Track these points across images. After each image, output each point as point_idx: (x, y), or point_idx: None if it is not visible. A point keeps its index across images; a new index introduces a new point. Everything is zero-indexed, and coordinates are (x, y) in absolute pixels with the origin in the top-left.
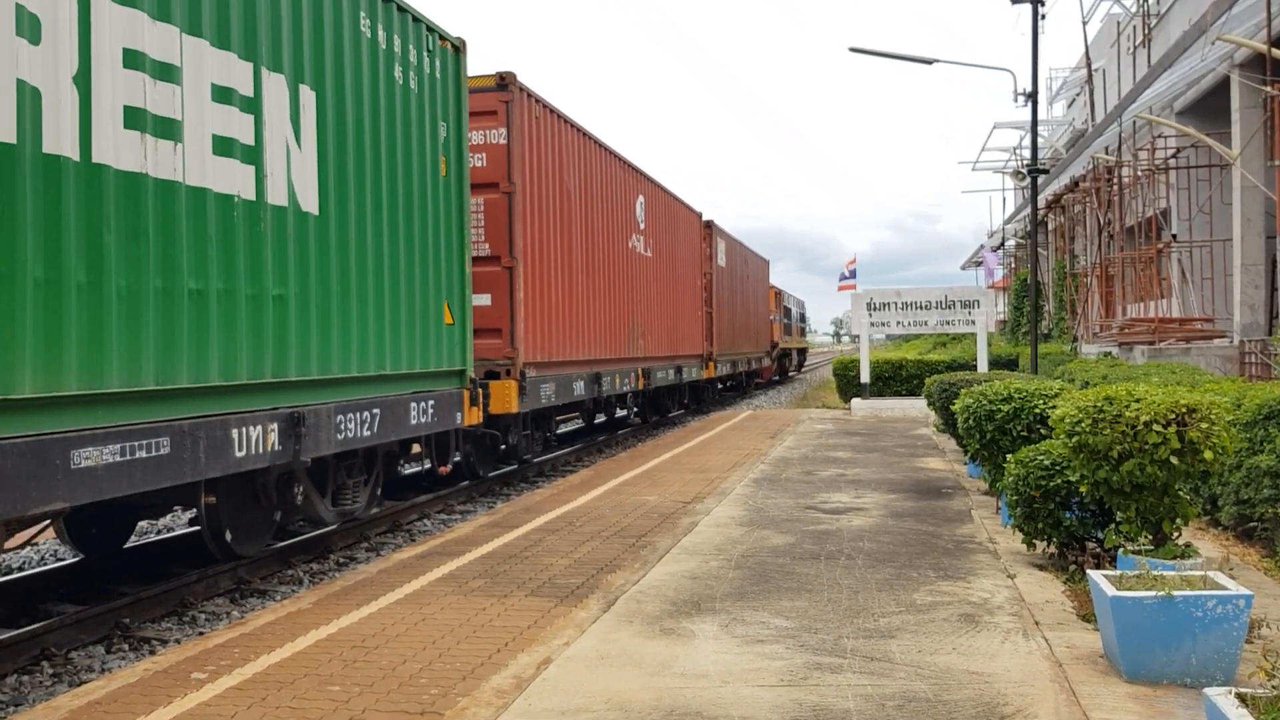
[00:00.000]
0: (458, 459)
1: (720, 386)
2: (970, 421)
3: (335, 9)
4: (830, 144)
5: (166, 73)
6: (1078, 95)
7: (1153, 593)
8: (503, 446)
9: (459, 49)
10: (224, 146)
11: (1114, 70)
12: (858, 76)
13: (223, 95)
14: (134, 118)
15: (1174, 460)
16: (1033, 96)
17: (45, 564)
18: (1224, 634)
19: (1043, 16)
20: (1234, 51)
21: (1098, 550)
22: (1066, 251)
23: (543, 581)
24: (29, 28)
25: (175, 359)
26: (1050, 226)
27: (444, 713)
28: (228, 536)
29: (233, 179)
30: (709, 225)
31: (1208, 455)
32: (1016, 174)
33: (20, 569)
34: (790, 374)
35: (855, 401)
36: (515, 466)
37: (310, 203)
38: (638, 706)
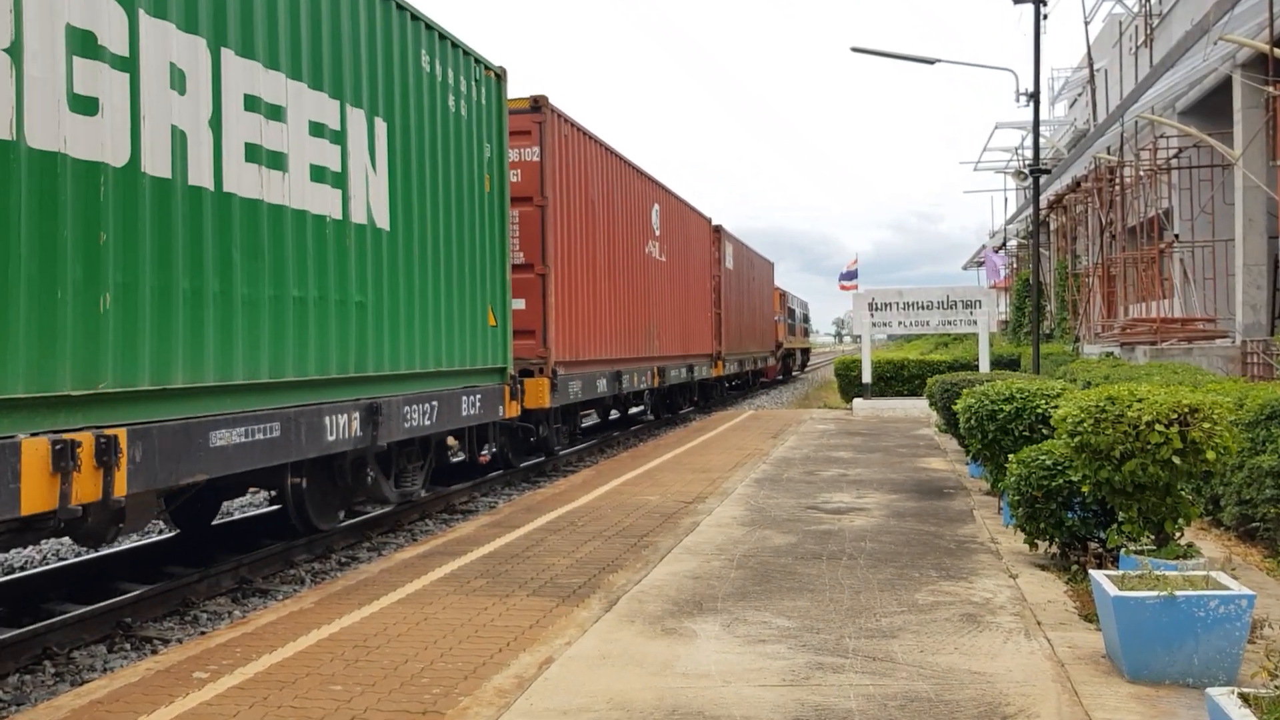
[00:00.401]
0: (493, 450)
1: (728, 385)
2: (972, 421)
3: (403, 49)
4: (832, 144)
5: (276, 113)
6: (1079, 95)
7: (1155, 593)
8: (532, 439)
9: (500, 77)
10: (318, 174)
11: (1116, 70)
12: (860, 76)
13: (317, 130)
14: (252, 153)
15: (1176, 460)
16: (1035, 96)
17: (47, 563)
18: (1226, 634)
19: (1045, 16)
20: (1236, 51)
21: (1100, 550)
22: (1068, 251)
23: (544, 581)
24: (179, 81)
25: (282, 356)
26: (1052, 226)
27: (446, 712)
28: (309, 512)
29: (325, 202)
30: (718, 230)
31: (1210, 455)
32: (1018, 174)
33: (22, 568)
34: (794, 374)
35: (857, 402)
36: (543, 458)
37: (383, 220)
38: (639, 706)
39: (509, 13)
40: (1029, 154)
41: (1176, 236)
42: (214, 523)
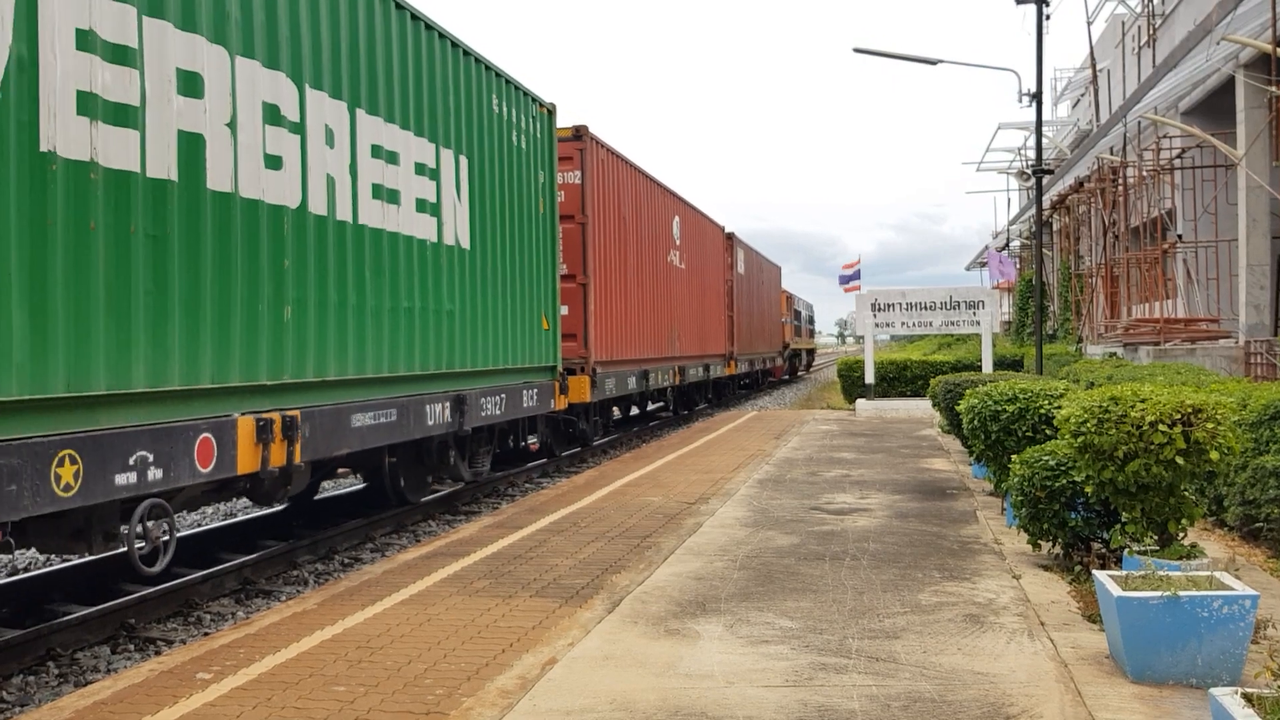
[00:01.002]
0: (542, 440)
1: (739, 384)
2: (975, 422)
3: (479, 95)
4: (835, 144)
5: (393, 158)
6: (1082, 95)
7: (1158, 593)
8: (570, 430)
9: (551, 112)
10: (421, 205)
11: (1119, 70)
12: (863, 77)
13: (420, 169)
14: (377, 191)
15: (1179, 460)
16: (1038, 97)
17: (51, 564)
18: (1230, 634)
19: (1048, 17)
20: (1239, 51)
21: (1103, 551)
22: (1071, 252)
23: (548, 582)
24: (329, 138)
25: (396, 355)
26: (1055, 227)
27: (449, 713)
28: (403, 488)
29: (425, 228)
30: (730, 237)
31: (1213, 455)
32: (1021, 174)
33: (26, 569)
34: (800, 373)
35: (860, 402)
36: (579, 448)
37: (465, 241)
38: (643, 707)
39: (509, 11)
40: (1032, 154)
41: (1180, 237)
42: (315, 498)
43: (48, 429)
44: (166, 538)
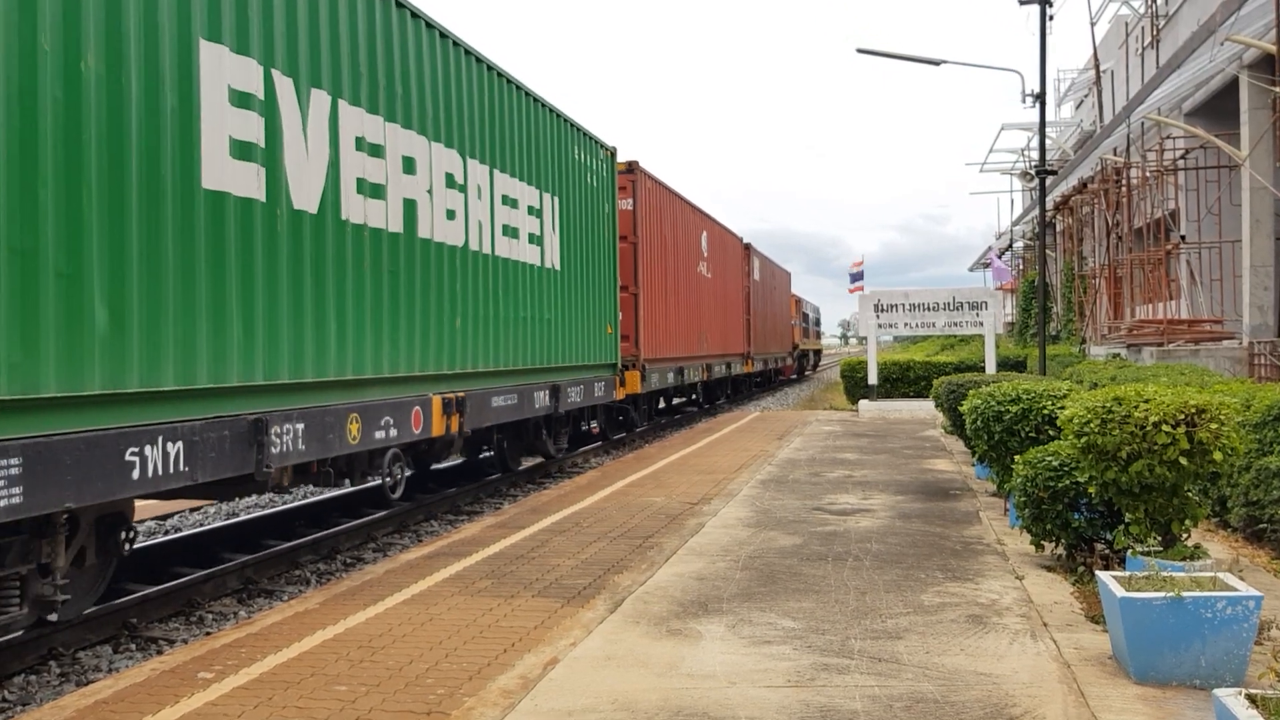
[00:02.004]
0: (595, 424)
1: (754, 381)
2: (978, 422)
3: (566, 146)
4: (838, 145)
5: (514, 204)
6: (1086, 96)
7: (1162, 594)
8: (620, 418)
9: (612, 154)
10: (531, 238)
11: (1122, 71)
12: (865, 77)
13: (531, 211)
14: (506, 230)
15: (1183, 461)
16: (1041, 98)
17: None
18: (1234, 635)
19: (1051, 18)
20: (1243, 52)
21: (1106, 551)
22: (1075, 253)
23: (549, 582)
24: (480, 194)
25: (518, 353)
26: (1058, 228)
27: (450, 713)
28: (508, 459)
29: (533, 255)
30: (748, 247)
31: (1217, 456)
32: (1024, 175)
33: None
34: (807, 372)
35: (863, 403)
36: (624, 434)
37: (557, 264)
38: (644, 707)
39: (509, 7)
40: (1035, 155)
41: (1183, 237)
42: (434, 467)
43: (343, 399)
44: (403, 475)
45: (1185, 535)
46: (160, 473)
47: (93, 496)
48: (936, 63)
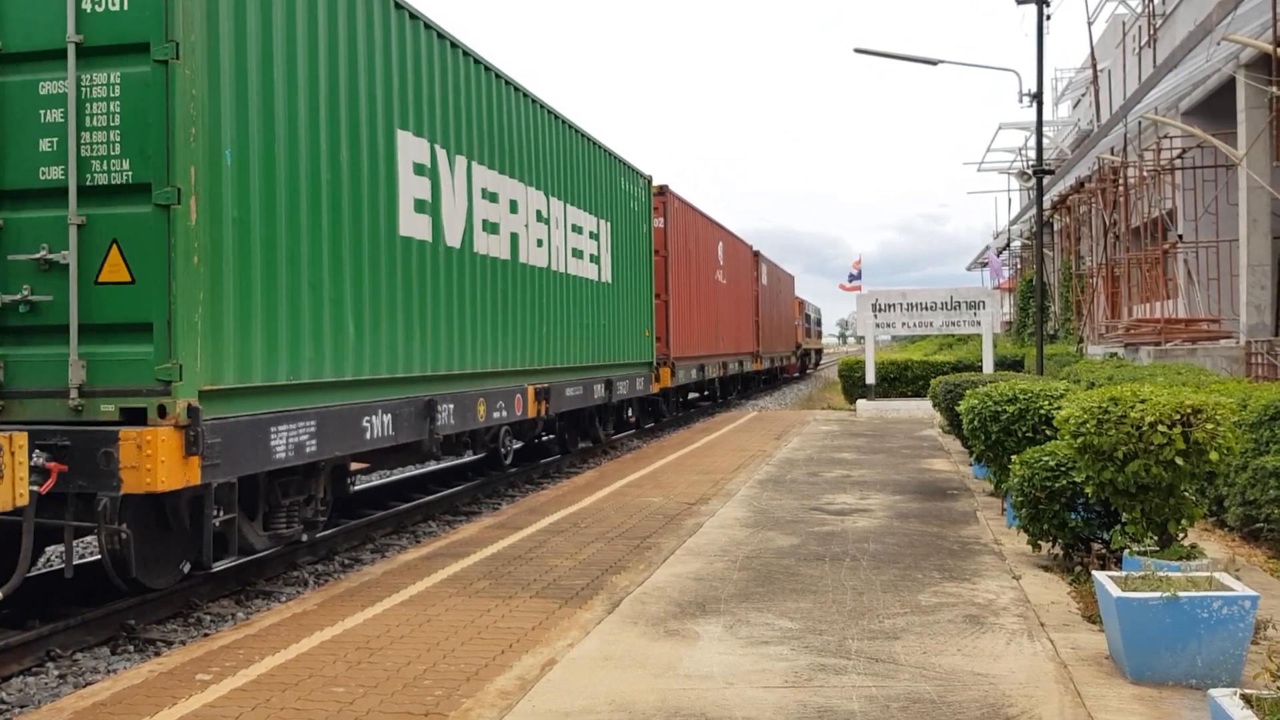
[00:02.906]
0: (631, 414)
1: (762, 378)
2: (975, 422)
3: (616, 179)
4: (837, 145)
5: (580, 230)
6: (1083, 96)
7: (1158, 594)
8: (650, 409)
9: (650, 181)
10: (591, 258)
11: (1119, 70)
12: (864, 77)
13: (592, 235)
14: (574, 252)
15: (1179, 461)
16: (1038, 97)
17: (51, 565)
18: (1229, 635)
19: (1048, 17)
20: (1239, 52)
21: (1103, 551)
22: (1072, 252)
23: (547, 583)
24: (557, 223)
25: (583, 352)
26: (1056, 227)
27: (448, 714)
28: (568, 441)
29: (592, 272)
30: (756, 255)
31: (1213, 456)
32: (1022, 175)
33: (27, 571)
34: (809, 370)
35: (860, 403)
36: (653, 424)
37: (609, 278)
38: (642, 708)
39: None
40: (1033, 154)
41: (1180, 237)
42: (515, 447)
43: (474, 387)
44: (511, 447)
45: (1182, 535)
46: (379, 435)
47: (345, 449)
48: (934, 63)
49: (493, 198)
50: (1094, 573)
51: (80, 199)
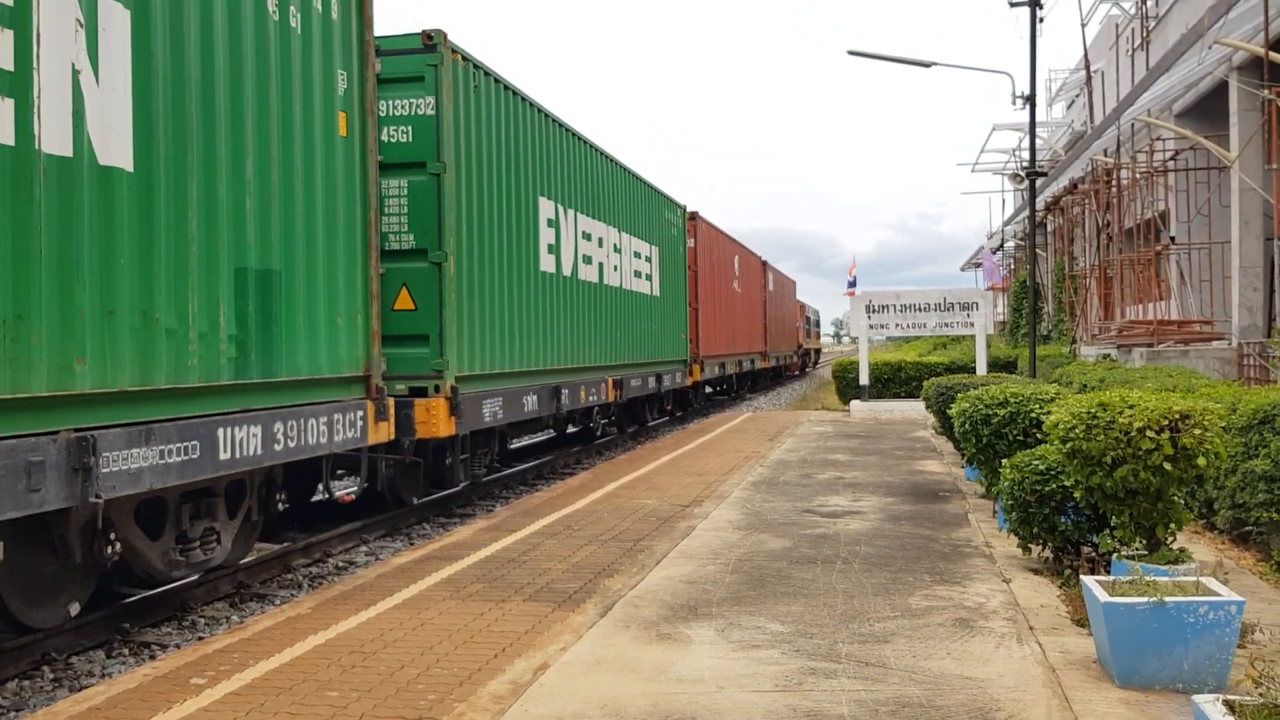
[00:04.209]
0: (666, 405)
1: (769, 376)
2: (966, 426)
3: (660, 211)
4: (833, 145)
5: (638, 256)
6: (1076, 97)
7: (1145, 599)
8: (680, 400)
9: (684, 209)
10: (645, 277)
11: (1113, 72)
12: (859, 78)
13: (645, 258)
14: (635, 273)
15: (1167, 466)
16: (1031, 99)
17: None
18: (1216, 640)
19: (1041, 19)
20: (1232, 54)
21: (1093, 555)
22: (1065, 253)
23: (540, 586)
24: (624, 252)
25: (640, 351)
26: (1049, 228)
27: (441, 718)
28: (623, 423)
29: (646, 287)
30: (764, 264)
31: (1201, 461)
32: (1015, 176)
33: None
34: (809, 369)
35: (854, 404)
36: (681, 414)
37: (658, 292)
38: (633, 712)
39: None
40: (1026, 156)
41: (1173, 238)
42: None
43: (578, 377)
44: (600, 424)
45: (1170, 539)
46: (531, 409)
47: (514, 417)
48: (927, 65)
49: (587, 236)
50: (1082, 578)
51: (381, 258)
